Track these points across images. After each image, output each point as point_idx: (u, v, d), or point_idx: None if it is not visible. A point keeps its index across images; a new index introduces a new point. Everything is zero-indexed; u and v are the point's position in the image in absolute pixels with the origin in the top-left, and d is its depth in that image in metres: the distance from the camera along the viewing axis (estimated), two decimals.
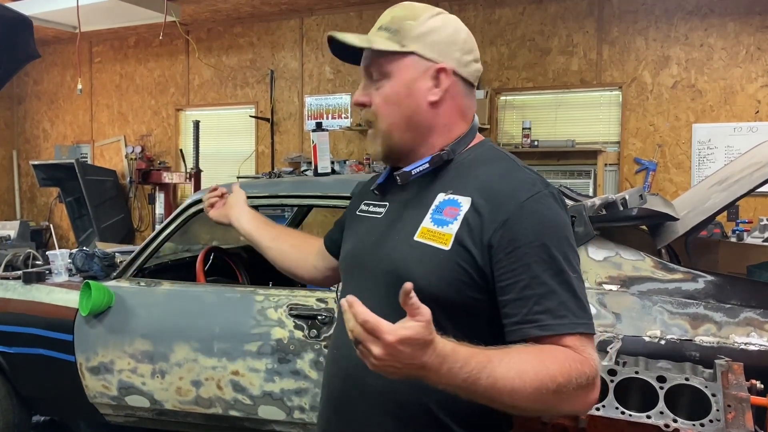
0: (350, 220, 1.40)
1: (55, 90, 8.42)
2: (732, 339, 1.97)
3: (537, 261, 1.07)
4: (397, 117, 1.21)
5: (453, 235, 1.12)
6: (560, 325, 1.05)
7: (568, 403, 1.03)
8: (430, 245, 1.14)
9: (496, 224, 1.10)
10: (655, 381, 1.66)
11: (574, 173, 5.75)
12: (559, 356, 1.02)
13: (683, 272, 2.17)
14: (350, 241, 1.34)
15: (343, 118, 6.72)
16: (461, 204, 1.14)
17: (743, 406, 1.55)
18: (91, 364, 2.78)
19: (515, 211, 1.10)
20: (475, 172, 1.19)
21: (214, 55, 7.37)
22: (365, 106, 1.24)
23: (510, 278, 1.08)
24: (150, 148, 7.77)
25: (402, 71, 1.20)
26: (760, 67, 5.24)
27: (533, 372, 0.98)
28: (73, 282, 2.94)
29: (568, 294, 1.07)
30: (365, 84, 1.25)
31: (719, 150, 5.35)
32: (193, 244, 4.08)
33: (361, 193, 1.43)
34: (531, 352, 1.02)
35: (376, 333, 0.90)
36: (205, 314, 2.66)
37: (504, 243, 1.09)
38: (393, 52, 1.20)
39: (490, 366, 0.96)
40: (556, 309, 1.05)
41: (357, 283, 1.25)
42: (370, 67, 1.23)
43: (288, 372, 2.51)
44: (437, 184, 1.21)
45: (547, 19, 5.90)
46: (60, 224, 8.28)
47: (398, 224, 1.22)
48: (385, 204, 1.30)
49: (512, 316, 1.08)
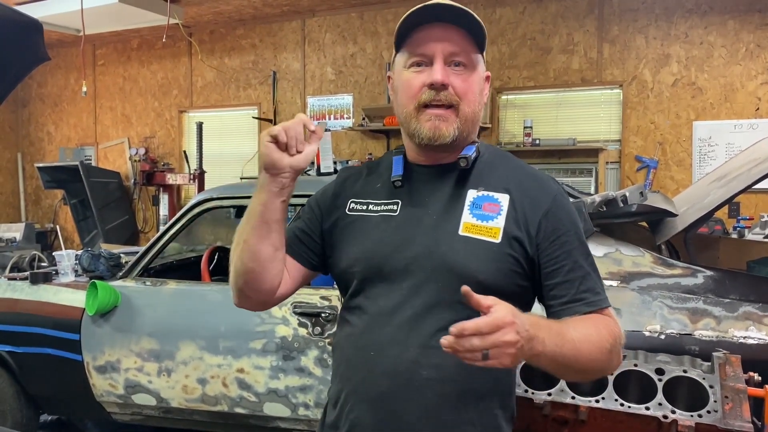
0: (341, 220, 1.33)
1: (59, 93, 8.46)
2: (731, 333, 1.99)
3: (575, 247, 1.23)
4: (475, 107, 1.26)
5: (501, 228, 1.21)
6: (600, 300, 1.22)
7: (613, 361, 1.18)
8: (480, 239, 1.21)
9: (539, 216, 1.22)
10: (653, 373, 1.68)
11: (575, 171, 5.77)
12: (605, 323, 1.18)
13: (682, 267, 2.20)
14: (361, 243, 1.28)
15: (346, 118, 6.75)
16: (499, 200, 1.24)
17: (740, 398, 1.58)
18: (97, 363, 2.82)
19: (551, 205, 1.24)
20: (497, 170, 1.29)
21: (216, 56, 7.41)
22: (445, 88, 1.22)
23: (555, 264, 1.21)
24: (154, 149, 7.81)
25: (479, 67, 1.28)
26: (760, 65, 5.26)
27: (596, 335, 1.13)
28: (80, 282, 2.97)
29: (596, 274, 1.25)
30: (442, 67, 1.22)
31: (720, 147, 5.36)
32: (198, 244, 4.12)
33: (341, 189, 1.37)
34: (586, 321, 1.17)
35: (496, 327, 0.96)
36: (211, 313, 2.69)
37: (548, 233, 1.22)
38: (480, 47, 1.26)
39: (567, 332, 1.09)
40: (594, 288, 1.22)
41: (392, 285, 1.23)
42: (460, 53, 1.23)
43: (293, 369, 2.54)
44: (461, 181, 1.27)
45: (547, 18, 5.92)
46: (65, 226, 8.31)
47: (428, 220, 1.25)
48: (396, 201, 1.29)
49: (561, 297, 1.21)
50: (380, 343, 1.22)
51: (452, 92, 1.22)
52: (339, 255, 1.31)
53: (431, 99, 1.22)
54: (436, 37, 1.22)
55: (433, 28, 1.22)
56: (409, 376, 1.19)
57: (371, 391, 1.22)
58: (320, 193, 1.41)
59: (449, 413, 1.20)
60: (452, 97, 1.22)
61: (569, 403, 1.67)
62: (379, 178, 1.35)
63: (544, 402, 1.69)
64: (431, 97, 1.22)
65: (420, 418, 1.19)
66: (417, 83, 1.23)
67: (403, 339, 1.20)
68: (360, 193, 1.34)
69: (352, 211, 1.32)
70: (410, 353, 1.19)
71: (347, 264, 1.29)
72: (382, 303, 1.23)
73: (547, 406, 1.68)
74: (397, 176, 1.29)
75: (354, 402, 1.24)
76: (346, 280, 1.31)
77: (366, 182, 1.36)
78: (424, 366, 1.18)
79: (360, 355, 1.24)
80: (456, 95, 1.22)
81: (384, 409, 1.21)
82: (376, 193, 1.33)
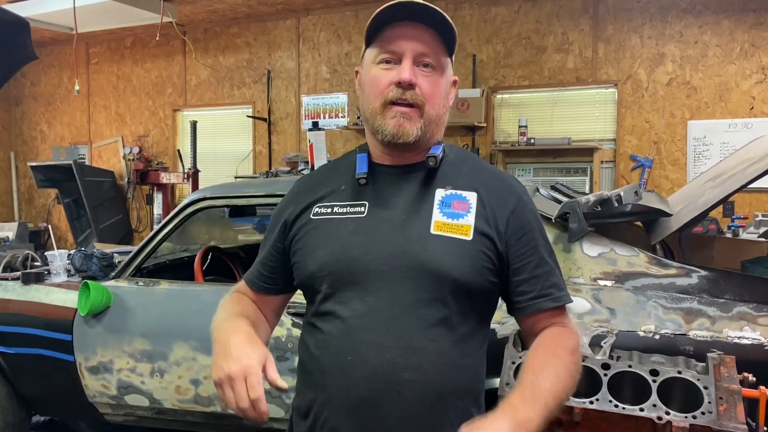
0: (306, 226, 1.29)
1: (52, 91, 8.42)
2: (725, 333, 1.98)
3: (540, 244, 1.27)
4: (439, 109, 1.27)
5: (472, 226, 1.23)
6: (563, 296, 1.27)
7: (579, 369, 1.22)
8: (452, 237, 1.22)
9: (507, 214, 1.25)
10: (647, 374, 1.68)
11: (570, 171, 5.77)
12: (561, 342, 1.21)
13: (677, 267, 2.19)
14: (328, 247, 1.24)
15: (340, 117, 6.74)
16: (468, 198, 1.25)
17: (735, 399, 1.57)
18: (90, 364, 2.80)
19: (517, 202, 1.27)
20: (462, 169, 1.31)
21: (210, 55, 7.38)
22: (412, 88, 1.21)
23: (522, 260, 1.25)
24: (147, 148, 7.78)
25: (447, 71, 1.28)
26: (754, 64, 5.27)
27: (562, 369, 1.16)
28: (72, 282, 2.95)
29: (558, 270, 1.30)
30: (411, 66, 1.22)
31: (714, 146, 5.37)
32: (191, 244, 4.10)
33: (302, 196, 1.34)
34: (545, 353, 1.19)
35: None
36: (204, 313, 2.65)
37: (515, 230, 1.25)
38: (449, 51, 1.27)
39: (540, 388, 1.11)
40: (558, 283, 1.27)
41: (365, 287, 1.21)
42: (430, 54, 1.23)
43: (286, 370, 2.52)
44: (428, 180, 1.28)
45: (542, 17, 5.92)
46: (58, 225, 8.28)
47: (398, 220, 1.24)
48: (362, 203, 1.27)
49: (528, 292, 1.25)
50: (357, 348, 1.19)
51: (418, 93, 1.22)
52: (306, 260, 1.27)
53: (397, 97, 1.22)
54: (408, 36, 1.22)
55: (406, 26, 1.22)
56: (389, 379, 1.17)
57: (350, 398, 1.19)
58: (278, 209, 1.38)
59: (430, 415, 1.19)
60: (418, 98, 1.22)
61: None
62: (341, 179, 1.33)
63: None
64: (398, 96, 1.22)
65: (401, 421, 1.18)
66: (385, 80, 1.23)
67: (382, 341, 1.18)
68: (324, 197, 1.31)
69: (317, 215, 1.29)
70: (389, 355, 1.17)
71: (315, 268, 1.25)
72: (356, 306, 1.20)
73: None
74: (361, 174, 1.28)
75: (330, 411, 1.21)
76: (314, 286, 1.26)
77: (328, 185, 1.33)
78: (405, 367, 1.17)
79: (336, 362, 1.20)
80: (422, 96, 1.22)
81: (364, 415, 1.18)
82: (341, 194, 1.30)
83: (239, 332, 1.19)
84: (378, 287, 1.20)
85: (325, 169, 1.43)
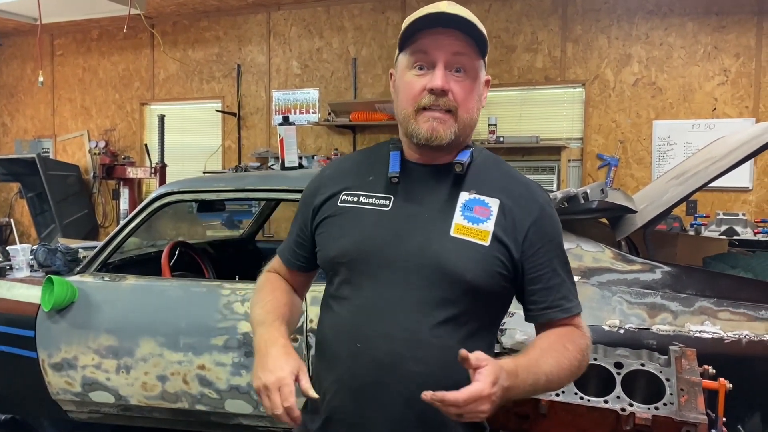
0: (333, 212, 1.36)
1: (15, 83, 8.22)
2: (687, 327, 2.03)
3: (556, 256, 1.32)
4: (472, 113, 1.31)
5: (491, 232, 1.27)
6: (573, 306, 1.33)
7: (582, 369, 1.31)
8: (470, 241, 1.27)
9: (527, 224, 1.29)
10: (612, 367, 1.71)
11: (538, 169, 5.84)
12: (573, 337, 1.30)
13: (641, 263, 2.24)
14: (351, 234, 1.32)
15: (311, 113, 6.71)
16: (490, 204, 1.30)
17: (696, 390, 1.61)
18: (53, 361, 2.75)
19: (539, 213, 1.31)
20: (490, 175, 1.35)
21: (179, 48, 7.29)
22: (445, 94, 1.25)
23: (538, 271, 1.30)
24: (114, 142, 7.65)
25: (479, 73, 1.31)
26: (716, 66, 5.39)
27: (566, 360, 1.25)
28: (35, 278, 2.89)
29: (571, 282, 1.36)
30: (443, 73, 1.25)
31: (678, 146, 5.48)
32: (159, 239, 4.05)
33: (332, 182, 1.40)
34: (556, 341, 1.28)
35: (473, 400, 1.08)
36: (171, 309, 2.64)
37: (534, 241, 1.29)
38: (482, 53, 1.29)
39: (539, 366, 1.21)
40: (569, 296, 1.33)
41: (378, 277, 1.28)
42: (462, 59, 1.27)
43: None
44: (455, 183, 1.32)
45: (512, 17, 5.97)
46: (21, 220, 8.09)
47: (420, 219, 1.29)
48: (388, 197, 1.32)
49: (541, 302, 1.31)
50: (367, 336, 1.26)
51: (451, 98, 1.26)
52: (328, 245, 1.35)
53: (430, 103, 1.26)
54: (440, 43, 1.25)
55: (438, 33, 1.25)
56: (394, 368, 1.24)
57: (356, 381, 1.27)
58: (309, 189, 1.45)
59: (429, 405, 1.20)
60: (451, 103, 1.26)
61: (530, 397, 1.69)
62: (371, 171, 1.38)
63: None
64: (430, 102, 1.26)
65: (402, 409, 1.24)
66: (418, 86, 1.26)
67: (390, 332, 1.25)
68: (352, 186, 1.37)
69: (344, 203, 1.35)
70: (397, 346, 1.25)
71: (337, 253, 1.33)
72: (368, 295, 1.28)
73: (508, 401, 1.69)
74: (394, 173, 1.32)
75: (336, 390, 1.30)
76: (334, 269, 1.35)
77: (358, 175, 1.39)
78: (410, 359, 1.24)
79: (346, 347, 1.29)
80: (455, 101, 1.26)
81: (367, 399, 1.26)
82: (369, 185, 1.35)
83: (276, 344, 1.28)
84: (392, 280, 1.27)
85: (358, 156, 1.48)
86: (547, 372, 1.21)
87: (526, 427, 1.70)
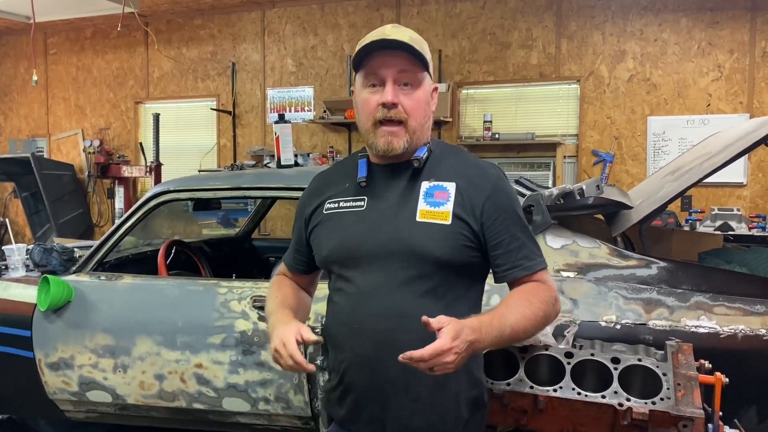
0: (320, 219, 1.59)
1: (8, 82, 8.19)
2: (683, 322, 2.04)
3: (513, 223, 1.51)
4: (421, 120, 1.52)
5: (450, 212, 1.48)
6: (534, 264, 1.52)
7: (549, 319, 1.50)
8: (434, 223, 1.47)
9: (482, 199, 1.49)
10: (609, 362, 1.72)
11: (534, 165, 5.85)
12: (536, 291, 1.48)
13: (637, 259, 2.24)
14: (336, 236, 1.55)
15: (306, 111, 6.70)
16: (447, 188, 1.50)
17: (692, 385, 1.62)
18: (50, 360, 2.74)
19: (492, 189, 1.51)
20: (445, 163, 1.55)
21: (174, 47, 7.27)
22: (396, 106, 1.46)
23: (497, 238, 1.49)
24: (109, 141, 7.62)
25: (425, 83, 1.52)
26: (711, 62, 5.41)
27: (530, 311, 1.44)
28: (31, 277, 2.88)
29: (531, 242, 1.54)
30: (393, 88, 1.46)
31: (673, 142, 5.50)
32: (155, 238, 4.04)
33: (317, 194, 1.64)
34: (519, 297, 1.47)
35: (437, 354, 1.25)
36: (168, 307, 2.64)
37: (490, 212, 1.49)
38: (424, 66, 1.50)
39: (504, 319, 1.39)
40: (530, 255, 1.52)
41: (366, 268, 1.50)
42: (407, 73, 1.48)
43: (252, 363, 2.51)
44: (415, 175, 1.53)
45: (507, 13, 5.98)
46: (16, 220, 8.06)
47: (390, 212, 1.51)
48: (362, 198, 1.55)
49: (504, 264, 1.51)
50: (363, 317, 1.49)
51: (401, 110, 1.47)
52: (320, 248, 1.59)
53: (384, 116, 1.48)
54: (388, 63, 1.47)
55: (386, 55, 1.47)
56: (389, 341, 1.44)
57: (360, 356, 1.50)
58: (301, 202, 1.69)
59: None
60: (401, 114, 1.48)
61: (528, 392, 1.70)
62: (346, 178, 1.61)
63: (503, 392, 1.71)
64: (384, 115, 1.48)
65: (400, 372, 1.41)
66: (373, 102, 1.49)
67: (381, 312, 1.47)
68: (333, 194, 1.60)
69: (328, 210, 1.58)
70: (390, 323, 1.46)
71: (327, 254, 1.57)
72: (359, 283, 1.51)
73: (505, 396, 1.70)
74: (362, 178, 1.55)
75: (347, 365, 1.53)
76: (329, 267, 1.59)
77: (336, 184, 1.62)
78: (401, 331, 1.44)
79: (347, 330, 1.52)
80: (405, 112, 1.48)
81: (372, 368, 1.48)
82: (345, 191, 1.58)
83: (281, 321, 1.53)
84: (375, 268, 1.49)
85: (336, 167, 1.73)
86: (512, 324, 1.39)
87: (524, 422, 1.71)
